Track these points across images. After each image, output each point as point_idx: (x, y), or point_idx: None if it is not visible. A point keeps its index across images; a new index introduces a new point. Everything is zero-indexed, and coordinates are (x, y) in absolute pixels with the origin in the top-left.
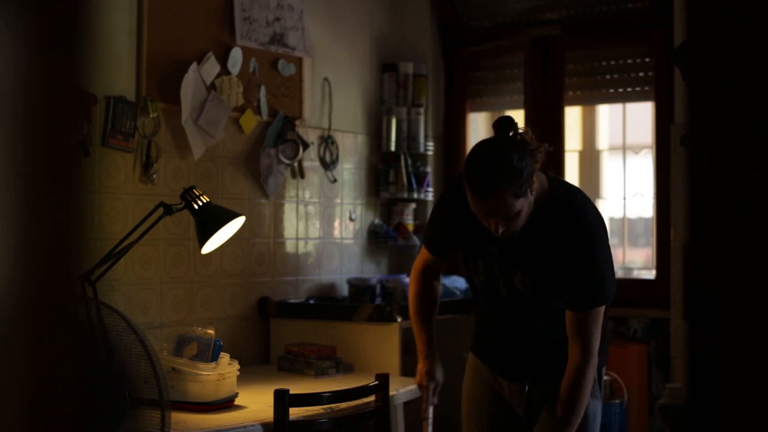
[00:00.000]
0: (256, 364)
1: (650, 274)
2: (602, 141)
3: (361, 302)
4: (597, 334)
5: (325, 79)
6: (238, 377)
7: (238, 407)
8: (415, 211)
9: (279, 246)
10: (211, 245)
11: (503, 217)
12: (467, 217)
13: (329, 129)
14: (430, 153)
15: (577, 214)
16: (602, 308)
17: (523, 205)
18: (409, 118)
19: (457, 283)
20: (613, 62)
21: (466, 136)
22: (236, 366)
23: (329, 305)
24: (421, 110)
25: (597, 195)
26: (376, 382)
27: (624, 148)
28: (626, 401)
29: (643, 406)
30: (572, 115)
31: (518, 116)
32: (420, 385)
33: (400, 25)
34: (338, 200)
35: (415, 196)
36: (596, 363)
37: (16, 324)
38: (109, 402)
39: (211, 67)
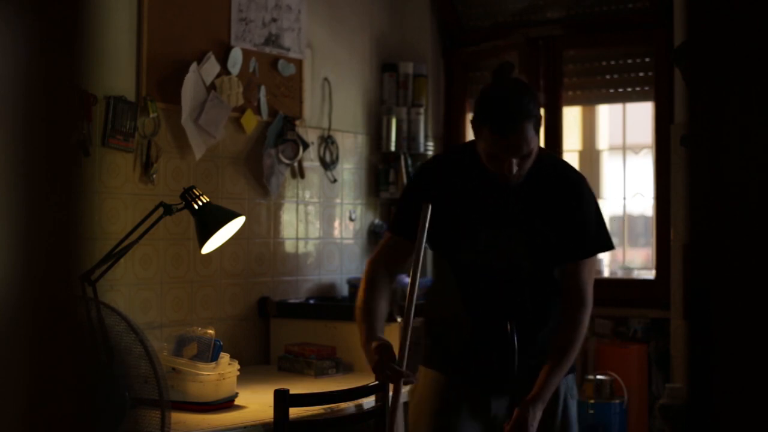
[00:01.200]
0: (256, 364)
1: (650, 274)
2: (602, 141)
3: None
4: (591, 285)
5: (325, 79)
6: (238, 377)
7: (238, 407)
8: None
9: (279, 246)
10: (211, 245)
11: (522, 154)
12: (455, 188)
13: (329, 129)
14: (430, 153)
15: (567, 167)
16: (596, 259)
17: (535, 144)
18: (409, 118)
19: None
20: (613, 62)
21: (466, 136)
22: (236, 366)
23: (329, 305)
24: (421, 110)
25: (597, 195)
26: (376, 382)
27: (624, 148)
28: (626, 401)
29: (643, 406)
30: (572, 115)
31: None
32: (379, 372)
33: (400, 25)
34: (338, 200)
35: None
36: (589, 315)
37: (16, 324)
38: (109, 402)
39: (211, 67)
